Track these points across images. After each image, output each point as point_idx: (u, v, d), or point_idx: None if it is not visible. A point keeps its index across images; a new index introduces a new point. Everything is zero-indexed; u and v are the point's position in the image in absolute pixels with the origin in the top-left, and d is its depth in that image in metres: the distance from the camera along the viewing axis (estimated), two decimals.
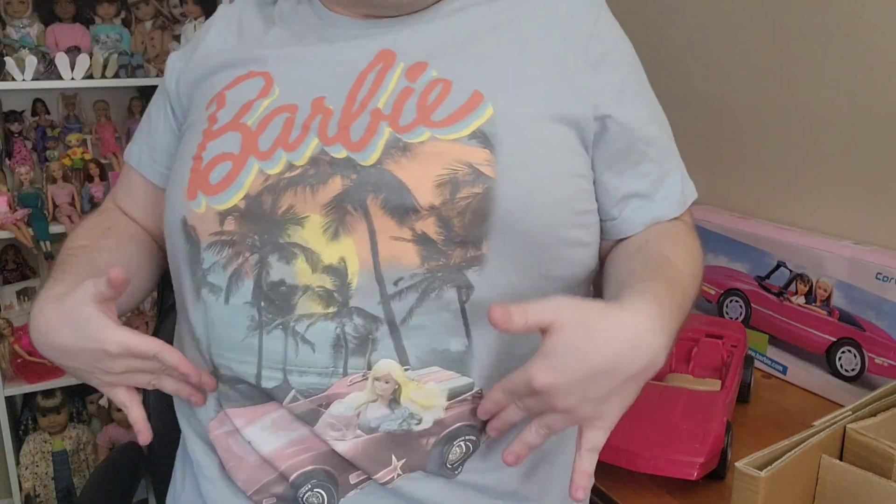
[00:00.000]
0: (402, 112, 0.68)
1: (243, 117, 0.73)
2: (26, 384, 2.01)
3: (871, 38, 1.26)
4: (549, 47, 0.74)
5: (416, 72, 0.70)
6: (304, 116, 0.70)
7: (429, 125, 0.67)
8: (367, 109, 0.69)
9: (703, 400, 1.05)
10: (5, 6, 2.03)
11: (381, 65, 0.71)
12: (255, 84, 0.74)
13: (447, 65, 0.70)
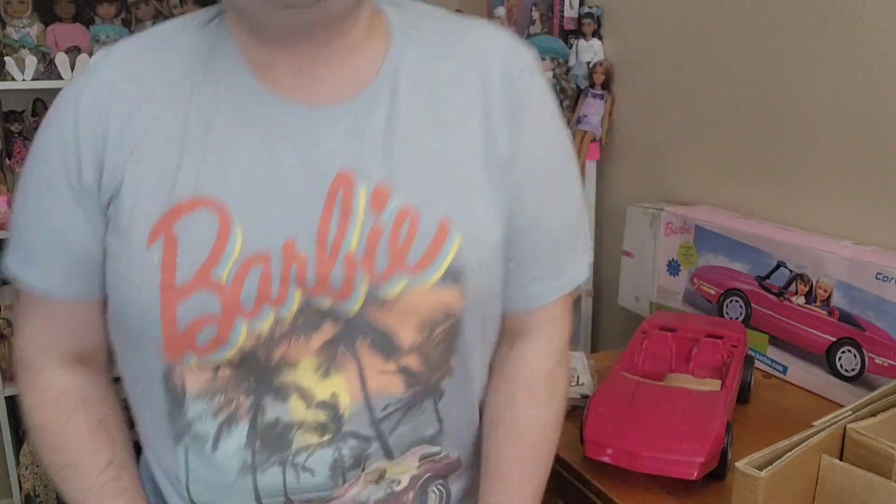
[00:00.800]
0: (376, 256, 0.68)
1: (212, 271, 0.66)
2: None
3: (871, 38, 1.26)
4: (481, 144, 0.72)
5: (380, 200, 0.68)
6: (279, 267, 0.67)
7: (404, 271, 0.68)
8: (341, 254, 0.68)
9: (704, 400, 1.05)
10: (5, 6, 2.03)
11: (341, 189, 0.68)
12: (209, 221, 0.66)
13: (409, 187, 0.69)
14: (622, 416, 1.03)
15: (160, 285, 0.66)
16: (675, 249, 1.53)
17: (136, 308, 0.68)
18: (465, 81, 0.73)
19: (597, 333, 1.99)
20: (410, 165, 0.70)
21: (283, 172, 0.68)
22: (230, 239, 0.67)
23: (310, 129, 0.69)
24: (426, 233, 0.69)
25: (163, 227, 0.66)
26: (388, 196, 0.68)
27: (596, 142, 1.83)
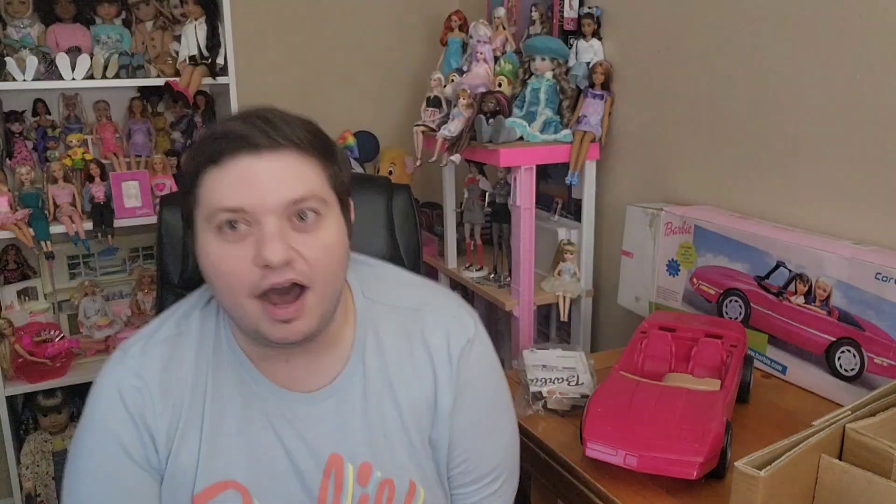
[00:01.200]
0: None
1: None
2: (27, 384, 2.01)
3: (871, 38, 1.26)
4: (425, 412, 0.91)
5: (365, 476, 0.88)
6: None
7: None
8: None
9: (703, 400, 1.05)
10: (6, 6, 2.03)
11: (334, 471, 0.87)
12: (235, 499, 0.84)
13: (385, 461, 0.88)
14: (622, 416, 1.03)
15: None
16: (675, 249, 1.53)
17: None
18: (415, 359, 0.90)
19: (597, 333, 1.99)
20: (383, 446, 0.88)
21: (287, 454, 0.86)
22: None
23: (304, 417, 0.87)
24: (401, 494, 0.89)
25: (201, 501, 0.84)
26: (371, 472, 0.88)
27: (596, 142, 1.83)
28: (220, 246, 0.78)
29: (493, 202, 2.02)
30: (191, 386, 0.86)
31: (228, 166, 0.78)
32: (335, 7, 2.46)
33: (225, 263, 0.78)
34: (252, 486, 0.85)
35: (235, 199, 0.77)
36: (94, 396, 0.87)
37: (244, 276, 0.77)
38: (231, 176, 0.77)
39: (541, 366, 1.30)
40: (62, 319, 2.19)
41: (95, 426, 0.85)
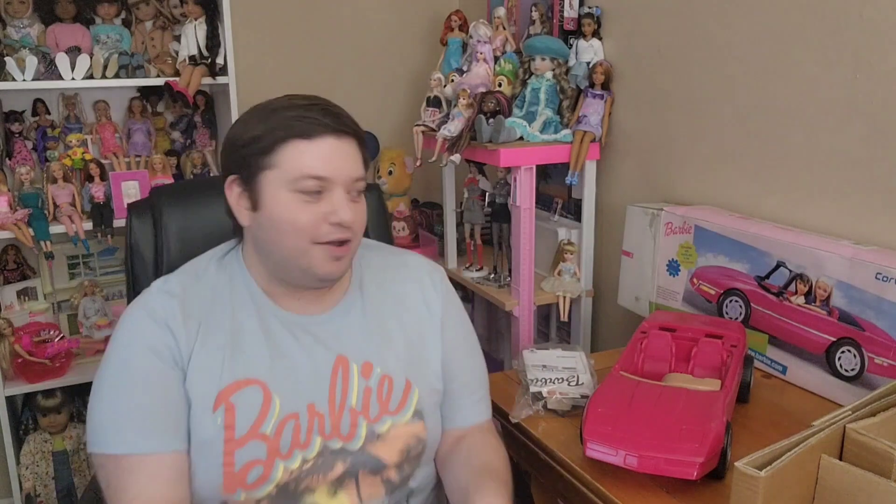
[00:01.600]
0: (368, 407, 1.04)
1: (261, 427, 0.98)
2: (26, 384, 2.01)
3: (871, 37, 1.26)
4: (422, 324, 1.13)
5: (367, 371, 1.06)
6: (305, 422, 1.01)
7: (388, 414, 1.05)
8: (346, 409, 1.03)
9: (703, 400, 1.05)
10: (6, 6, 2.03)
11: (341, 368, 1.05)
12: (255, 394, 0.99)
13: (384, 361, 1.07)
14: (622, 416, 1.03)
15: (223, 441, 0.97)
16: (675, 249, 1.53)
17: (202, 455, 0.97)
18: (406, 286, 1.14)
19: (597, 333, 1.99)
20: (383, 347, 1.08)
21: (301, 352, 1.03)
22: (272, 405, 0.99)
23: (312, 331, 1.05)
24: (398, 389, 1.07)
25: (222, 399, 0.98)
26: (372, 369, 1.06)
27: (596, 142, 1.83)
28: (299, 204, 0.98)
29: (493, 202, 2.02)
30: (209, 305, 1.02)
31: (317, 142, 0.98)
32: (335, 7, 2.46)
33: (302, 217, 0.98)
34: (271, 382, 1.00)
35: (320, 170, 0.97)
36: (122, 322, 1.01)
37: (315, 227, 0.98)
38: (320, 150, 0.98)
39: (541, 366, 1.30)
40: (62, 319, 2.19)
41: (120, 337, 1.00)
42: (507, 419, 1.25)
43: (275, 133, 0.98)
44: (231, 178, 1.02)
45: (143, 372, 0.97)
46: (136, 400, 0.96)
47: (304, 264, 1.00)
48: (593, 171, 1.88)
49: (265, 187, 0.99)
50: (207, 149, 2.25)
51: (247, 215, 1.02)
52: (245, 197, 1.01)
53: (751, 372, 1.25)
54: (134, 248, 1.31)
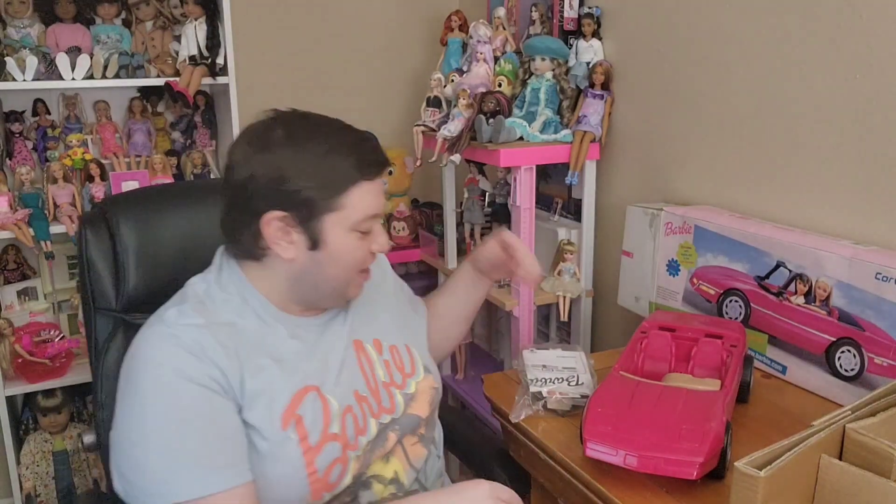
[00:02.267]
0: (392, 377, 1.14)
1: (330, 429, 1.03)
2: (27, 384, 2.01)
3: (871, 38, 1.26)
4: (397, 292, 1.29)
5: (378, 347, 1.15)
6: (358, 410, 1.07)
7: (409, 377, 1.16)
8: (380, 384, 1.12)
9: (703, 400, 1.05)
10: (6, 6, 2.03)
11: (359, 351, 1.13)
12: (315, 400, 1.03)
13: (385, 335, 1.17)
14: (622, 416, 1.03)
15: (299, 447, 0.99)
16: (675, 249, 1.53)
17: (286, 474, 0.98)
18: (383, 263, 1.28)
19: (597, 333, 1.99)
20: (379, 324, 1.18)
21: (330, 352, 1.09)
22: (329, 405, 1.04)
23: (325, 327, 1.11)
24: (404, 355, 1.18)
25: (290, 415, 1.00)
26: (381, 344, 1.16)
27: (596, 142, 1.83)
28: (356, 241, 1.04)
29: (493, 202, 2.02)
30: (236, 330, 1.01)
31: (376, 182, 1.04)
32: (335, 7, 2.46)
33: (358, 252, 1.05)
34: (321, 383, 1.05)
35: (377, 208, 1.05)
36: (152, 360, 0.96)
37: (364, 259, 1.07)
38: (377, 188, 1.05)
39: (541, 366, 1.30)
40: (62, 319, 2.19)
41: (165, 378, 0.94)
42: (507, 419, 1.25)
43: (345, 177, 1.00)
44: (274, 215, 0.99)
45: (195, 408, 0.94)
46: (197, 438, 0.93)
47: (342, 291, 1.08)
48: (593, 171, 1.88)
49: (329, 228, 1.01)
50: (207, 149, 2.26)
51: (292, 250, 1.01)
52: (293, 233, 1.01)
53: (751, 372, 1.25)
54: (90, 263, 1.24)
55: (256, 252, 1.03)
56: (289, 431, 0.98)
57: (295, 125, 1.03)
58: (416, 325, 1.28)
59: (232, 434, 0.96)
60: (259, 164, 0.99)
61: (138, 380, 0.95)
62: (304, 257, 1.02)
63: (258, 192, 0.99)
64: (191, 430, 0.93)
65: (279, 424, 0.98)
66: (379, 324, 1.18)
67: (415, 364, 1.19)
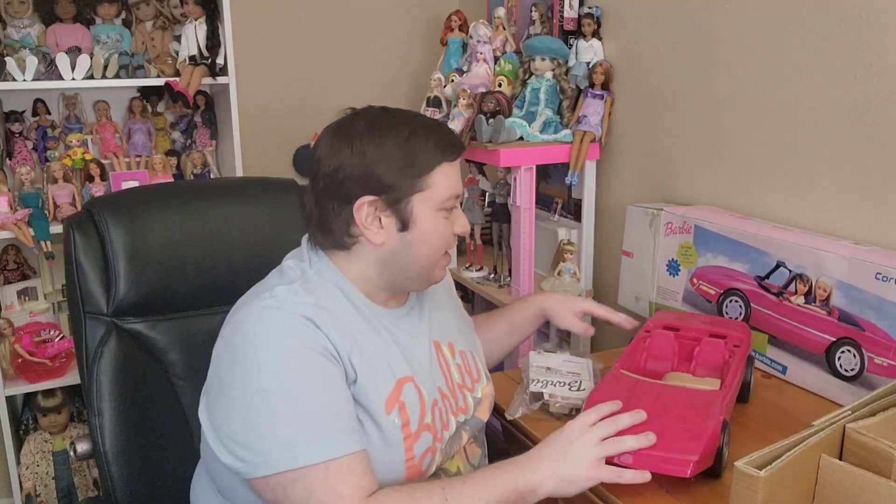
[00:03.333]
0: (464, 380, 1.17)
1: (425, 419, 1.05)
2: (27, 384, 2.01)
3: (871, 38, 1.26)
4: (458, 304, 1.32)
5: (452, 350, 1.18)
6: (442, 405, 1.10)
7: (476, 382, 1.19)
8: (455, 385, 1.15)
9: (701, 399, 1.05)
10: (6, 6, 2.03)
11: (437, 351, 1.15)
12: (413, 390, 1.06)
13: (456, 340, 1.20)
14: (619, 413, 1.03)
15: (401, 435, 1.02)
16: (675, 249, 1.53)
17: (388, 457, 1.00)
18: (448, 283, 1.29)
19: (597, 333, 1.98)
20: (450, 327, 1.20)
21: (417, 351, 1.12)
22: (424, 397, 1.07)
23: (405, 323, 1.13)
24: (472, 360, 1.21)
25: (394, 400, 1.03)
26: (454, 348, 1.18)
27: (596, 142, 1.83)
28: (442, 220, 1.07)
29: (493, 202, 2.02)
30: (333, 311, 1.03)
31: (456, 164, 1.07)
32: (335, 7, 2.46)
33: (446, 231, 1.08)
34: (416, 377, 1.07)
35: (459, 188, 1.08)
36: (258, 333, 0.97)
37: (450, 239, 1.09)
38: (456, 171, 1.08)
39: (545, 368, 1.30)
40: (62, 319, 2.19)
41: (288, 346, 0.96)
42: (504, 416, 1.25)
43: (428, 158, 1.04)
44: (366, 199, 1.02)
45: (316, 375, 0.96)
46: (320, 404, 0.95)
47: (429, 273, 1.10)
48: (593, 171, 1.88)
49: (418, 208, 1.04)
50: (207, 149, 2.26)
51: (381, 234, 1.04)
52: (382, 217, 1.04)
53: (751, 371, 1.25)
54: (79, 265, 1.24)
55: (346, 241, 1.06)
56: (393, 416, 1.01)
57: (375, 116, 1.08)
58: (474, 334, 1.30)
59: (347, 401, 0.98)
60: (346, 154, 1.03)
61: (256, 352, 0.96)
62: (395, 240, 1.05)
63: (348, 179, 1.03)
64: (313, 395, 0.95)
65: (384, 407, 1.01)
66: (451, 328, 1.21)
67: (480, 370, 1.22)
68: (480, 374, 1.21)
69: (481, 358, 1.25)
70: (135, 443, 1.22)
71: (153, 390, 1.26)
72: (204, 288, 1.30)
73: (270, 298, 1.00)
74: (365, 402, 1.00)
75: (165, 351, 1.28)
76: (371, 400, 1.00)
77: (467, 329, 1.28)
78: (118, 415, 1.21)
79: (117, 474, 1.20)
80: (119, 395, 1.21)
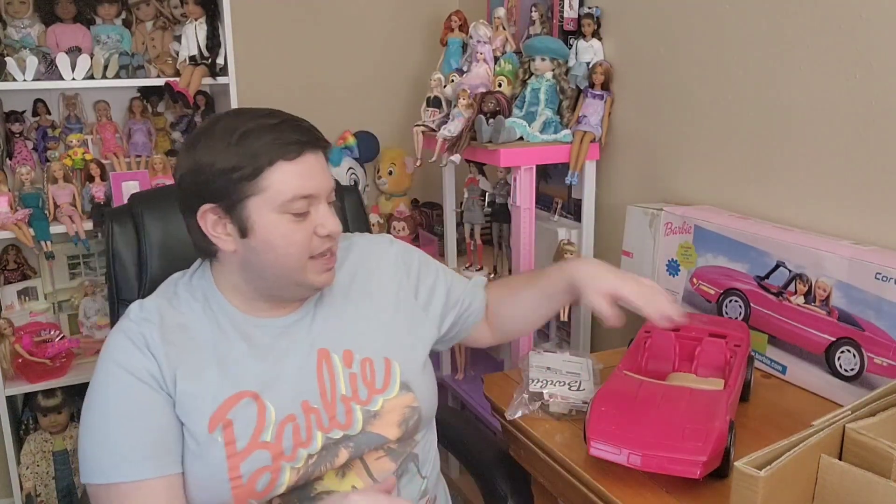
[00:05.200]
0: (358, 391, 1.07)
1: (261, 436, 1.00)
2: (27, 384, 2.01)
3: (871, 38, 1.26)
4: (395, 296, 1.18)
5: (348, 359, 1.09)
6: (303, 421, 1.03)
7: (377, 393, 1.08)
8: (338, 398, 1.06)
9: (706, 399, 1.05)
10: (6, 6, 2.03)
11: (325, 362, 1.07)
12: (250, 406, 1.01)
13: (361, 346, 1.10)
14: (626, 415, 1.03)
15: (225, 452, 0.98)
16: (675, 249, 1.53)
17: (208, 475, 0.98)
18: (369, 264, 1.18)
19: (597, 333, 1.99)
20: (356, 333, 1.11)
21: (285, 359, 1.05)
22: (266, 413, 1.01)
23: (289, 332, 1.07)
24: (380, 369, 1.10)
25: (219, 418, 0.99)
26: (352, 356, 1.09)
27: (596, 142, 1.83)
28: (290, 224, 0.99)
29: (493, 202, 2.02)
30: (186, 329, 1.03)
31: (300, 162, 0.99)
32: (335, 7, 2.46)
33: (295, 236, 1.00)
34: (263, 390, 1.02)
35: (308, 188, 0.99)
36: (106, 349, 1.02)
37: (307, 243, 1.01)
38: (303, 169, 1.00)
39: (545, 368, 1.30)
40: (62, 319, 2.19)
41: (105, 365, 1.00)
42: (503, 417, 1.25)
43: (258, 159, 0.97)
44: (206, 208, 1.00)
45: (130, 399, 0.98)
46: (126, 427, 0.97)
47: (300, 279, 1.03)
48: (593, 171, 1.88)
49: (253, 213, 0.99)
50: None
51: (230, 241, 1.01)
52: (226, 224, 1.01)
53: (751, 371, 1.25)
54: (116, 255, 1.30)
55: (210, 249, 1.04)
56: (216, 434, 0.98)
57: (220, 119, 1.02)
58: (417, 332, 1.17)
59: (164, 428, 0.98)
60: (184, 161, 1.02)
61: (98, 365, 1.02)
62: (242, 247, 1.01)
63: (188, 188, 1.01)
64: (125, 419, 0.97)
65: (206, 426, 0.99)
66: (356, 334, 1.11)
67: (390, 380, 1.10)
68: (390, 385, 1.09)
69: (406, 364, 1.12)
70: None
71: None
72: None
73: (124, 316, 1.05)
74: (187, 421, 0.99)
75: None
76: (193, 420, 0.99)
77: (396, 329, 1.15)
78: None
79: None
80: None
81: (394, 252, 1.22)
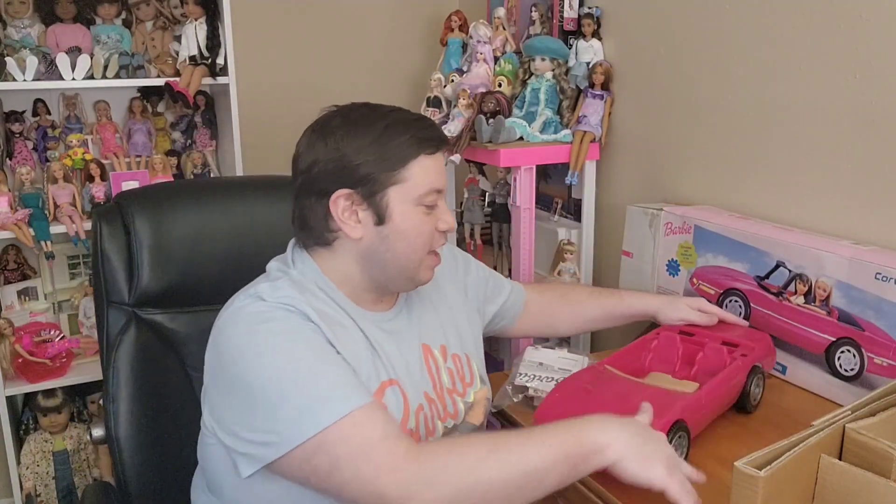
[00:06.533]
0: (455, 384, 1.15)
1: (408, 423, 1.05)
2: (27, 384, 2.01)
3: (871, 38, 1.26)
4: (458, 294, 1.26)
5: (444, 353, 1.16)
6: (428, 411, 1.09)
7: (468, 386, 1.17)
8: (444, 390, 1.13)
9: (664, 398, 1.04)
10: (6, 6, 2.03)
11: (427, 355, 1.13)
12: (395, 394, 1.05)
13: (449, 342, 1.17)
14: (575, 403, 1.05)
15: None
16: (675, 249, 1.53)
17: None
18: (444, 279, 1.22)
19: (597, 333, 1.99)
20: (443, 330, 1.18)
21: (402, 351, 1.10)
22: (407, 401, 1.06)
23: (394, 326, 1.11)
24: (465, 364, 1.18)
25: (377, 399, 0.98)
26: (447, 350, 1.17)
27: (596, 142, 1.83)
28: (422, 216, 1.04)
29: (493, 202, 2.02)
30: (325, 312, 1.02)
31: (436, 157, 1.05)
32: (335, 7, 2.46)
33: (424, 227, 1.05)
34: (401, 381, 1.06)
35: (439, 183, 1.05)
36: (247, 321, 0.97)
37: (431, 237, 1.06)
38: (438, 165, 1.05)
39: (537, 363, 1.31)
40: (62, 319, 2.19)
41: (280, 328, 0.96)
42: (506, 419, 1.25)
43: (403, 150, 1.02)
44: (341, 193, 1.02)
45: (314, 339, 0.96)
46: (332, 359, 0.95)
47: (413, 272, 1.07)
48: (593, 171, 1.88)
49: (394, 201, 1.02)
50: (208, 149, 2.26)
51: (359, 229, 1.03)
52: (359, 211, 1.03)
53: (755, 382, 1.20)
54: (104, 255, 1.25)
55: (327, 237, 1.05)
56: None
57: (352, 111, 1.08)
58: (478, 334, 1.27)
59: (344, 361, 0.97)
60: (321, 149, 1.03)
61: (249, 340, 0.95)
62: (372, 234, 1.03)
63: (323, 173, 1.03)
64: (318, 358, 0.95)
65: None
66: (444, 331, 1.17)
67: (473, 374, 1.18)
68: (474, 378, 1.18)
69: (478, 361, 1.21)
70: (147, 430, 1.24)
71: (169, 380, 1.28)
72: (225, 283, 1.30)
73: (252, 297, 1.00)
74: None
75: (184, 343, 1.29)
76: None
77: (469, 329, 1.23)
78: (133, 402, 1.23)
79: (128, 460, 1.22)
80: (135, 383, 1.24)
81: (446, 251, 1.22)
